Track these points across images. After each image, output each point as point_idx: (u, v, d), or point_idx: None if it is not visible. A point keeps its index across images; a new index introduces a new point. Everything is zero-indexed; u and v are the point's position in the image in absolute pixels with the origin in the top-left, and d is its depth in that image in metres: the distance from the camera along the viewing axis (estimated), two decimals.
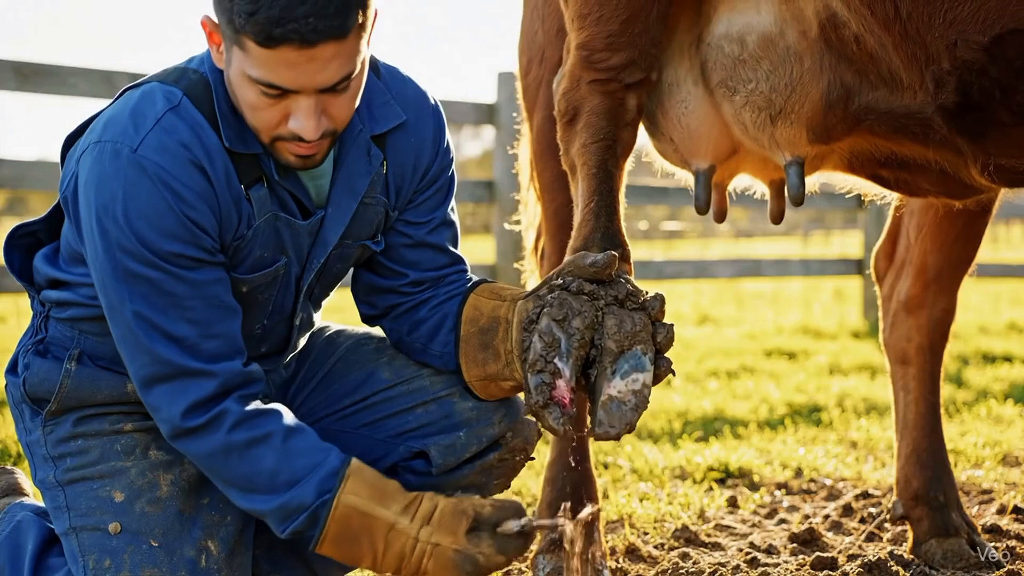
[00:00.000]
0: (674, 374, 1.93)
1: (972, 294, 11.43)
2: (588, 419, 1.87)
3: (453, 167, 2.14)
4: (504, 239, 6.11)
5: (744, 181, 2.81)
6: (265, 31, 1.69)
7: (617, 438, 1.85)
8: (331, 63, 1.74)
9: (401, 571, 1.85)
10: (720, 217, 2.74)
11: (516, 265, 3.65)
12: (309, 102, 1.77)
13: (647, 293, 1.92)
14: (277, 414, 1.89)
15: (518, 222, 3.37)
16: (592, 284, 1.89)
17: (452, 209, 2.16)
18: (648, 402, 1.87)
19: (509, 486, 2.18)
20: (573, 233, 2.35)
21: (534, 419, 1.86)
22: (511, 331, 1.94)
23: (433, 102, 2.10)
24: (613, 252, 1.91)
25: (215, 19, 1.79)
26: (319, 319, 2.20)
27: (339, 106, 1.82)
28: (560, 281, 1.91)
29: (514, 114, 3.85)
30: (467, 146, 45.22)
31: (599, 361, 1.86)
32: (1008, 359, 6.94)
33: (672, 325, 1.91)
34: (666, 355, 1.91)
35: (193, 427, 1.85)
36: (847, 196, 3.00)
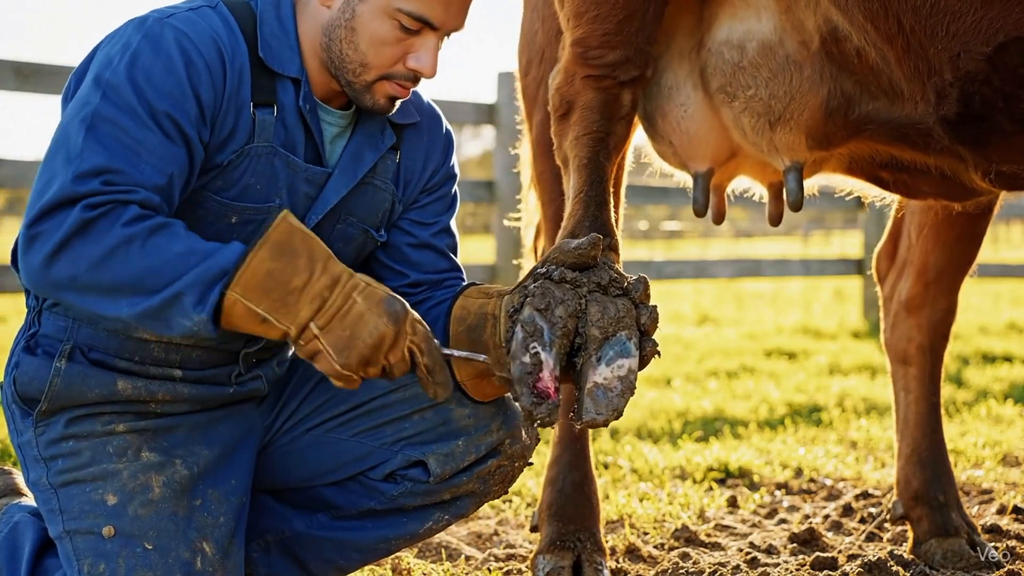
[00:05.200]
0: (659, 355, 1.91)
1: (972, 294, 11.44)
2: (575, 407, 1.86)
3: (457, 186, 2.23)
4: (504, 239, 6.10)
5: (743, 183, 2.81)
6: None
7: (605, 424, 1.84)
8: (466, 6, 1.93)
9: (327, 301, 1.74)
10: (719, 219, 2.74)
11: (516, 262, 3.64)
12: (436, 41, 1.92)
13: (631, 278, 1.91)
14: (176, 220, 1.77)
15: (519, 219, 3.36)
16: (575, 272, 1.88)
17: (454, 225, 2.22)
18: (634, 387, 1.85)
19: (507, 491, 2.17)
20: (563, 223, 2.35)
21: (520, 410, 1.84)
22: (499, 326, 1.93)
23: (446, 124, 2.21)
24: (597, 234, 1.90)
25: None
26: None
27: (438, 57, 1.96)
28: (543, 270, 1.90)
29: (514, 114, 3.84)
30: (467, 146, 45.29)
31: (584, 349, 1.86)
32: (1008, 359, 6.94)
33: (656, 307, 1.90)
34: (652, 337, 1.89)
35: (83, 193, 1.69)
36: (847, 196, 3.00)
